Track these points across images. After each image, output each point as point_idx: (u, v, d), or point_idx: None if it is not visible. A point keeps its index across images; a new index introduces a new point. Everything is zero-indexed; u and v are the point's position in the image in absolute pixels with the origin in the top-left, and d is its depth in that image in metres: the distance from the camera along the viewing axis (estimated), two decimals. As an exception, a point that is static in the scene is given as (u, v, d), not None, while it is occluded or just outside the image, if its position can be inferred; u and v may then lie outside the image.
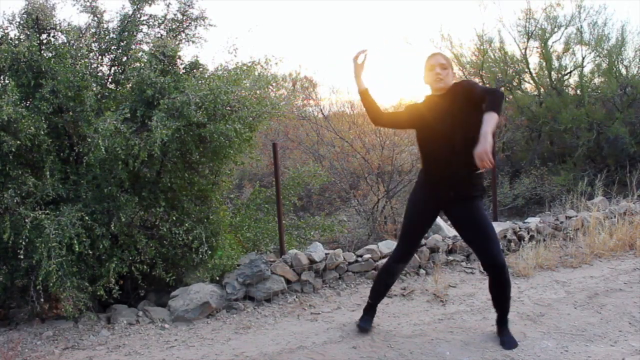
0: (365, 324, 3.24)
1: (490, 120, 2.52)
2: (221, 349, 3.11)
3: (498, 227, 4.75)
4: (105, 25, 4.26)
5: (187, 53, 7.75)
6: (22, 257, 3.23)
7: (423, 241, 4.43)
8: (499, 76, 9.84)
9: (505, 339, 2.97)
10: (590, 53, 9.16)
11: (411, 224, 3.06)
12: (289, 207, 5.18)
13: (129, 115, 3.55)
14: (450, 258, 4.46)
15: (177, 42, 4.21)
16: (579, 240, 4.83)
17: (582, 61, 9.23)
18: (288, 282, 3.91)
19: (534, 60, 9.61)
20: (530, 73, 9.62)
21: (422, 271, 4.28)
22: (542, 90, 9.49)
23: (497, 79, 9.85)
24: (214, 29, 4.49)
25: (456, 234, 4.69)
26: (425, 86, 2.95)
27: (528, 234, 4.78)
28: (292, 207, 5.31)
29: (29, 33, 3.81)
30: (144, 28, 4.36)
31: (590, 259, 4.50)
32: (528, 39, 9.44)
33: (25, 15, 3.81)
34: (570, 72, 9.48)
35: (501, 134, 8.42)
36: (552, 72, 9.31)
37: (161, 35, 4.35)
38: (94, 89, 4.03)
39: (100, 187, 3.59)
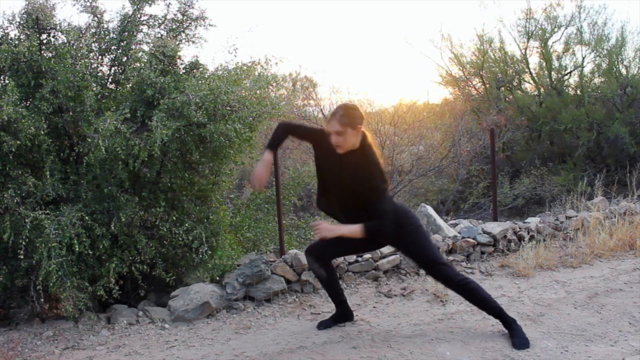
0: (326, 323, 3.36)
1: (353, 228, 2.79)
2: (221, 349, 3.11)
3: (498, 227, 4.75)
4: (105, 25, 4.26)
5: (187, 53, 7.75)
6: (22, 257, 3.22)
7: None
8: (499, 76, 9.85)
9: (515, 340, 2.95)
10: (590, 53, 9.18)
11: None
12: (289, 207, 5.18)
13: (129, 115, 3.55)
14: (451, 258, 4.45)
15: (177, 42, 4.20)
16: (579, 240, 4.83)
17: (582, 61, 9.25)
18: (288, 282, 3.90)
19: (534, 60, 9.64)
20: (530, 73, 9.63)
21: (422, 271, 4.28)
22: (542, 90, 9.51)
23: (497, 79, 9.86)
24: (214, 29, 4.48)
25: (456, 234, 4.69)
26: None
27: (528, 234, 4.78)
28: (292, 207, 5.31)
29: (29, 33, 3.80)
30: (144, 28, 4.36)
31: (590, 259, 4.50)
32: (528, 39, 9.45)
33: (25, 15, 3.81)
34: (570, 72, 9.49)
35: (501, 134, 8.42)
36: (552, 72, 9.32)
37: (161, 35, 4.34)
38: (94, 89, 4.02)
39: (100, 187, 3.59)
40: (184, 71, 4.15)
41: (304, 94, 8.65)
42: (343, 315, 3.33)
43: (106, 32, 4.23)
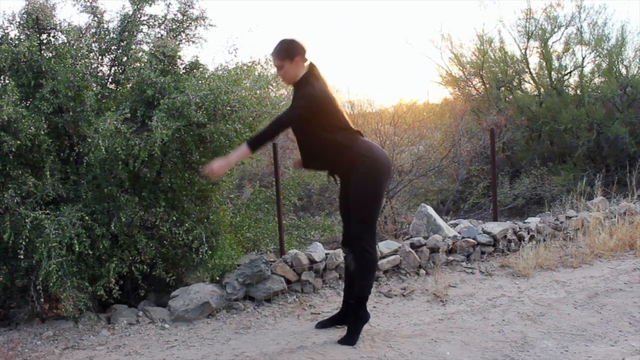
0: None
1: (238, 150, 2.84)
2: (221, 349, 3.11)
3: (498, 227, 4.76)
4: (105, 25, 4.26)
5: (187, 53, 7.74)
6: (22, 257, 3.23)
7: (423, 241, 4.43)
8: (499, 76, 9.85)
9: (345, 336, 3.04)
10: (590, 53, 9.18)
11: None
12: (289, 207, 5.18)
13: (129, 115, 3.55)
14: (451, 258, 4.46)
15: (177, 42, 4.21)
16: (579, 240, 4.83)
17: (582, 61, 9.25)
18: (288, 282, 3.90)
19: (534, 60, 9.63)
20: (531, 73, 9.63)
21: (422, 271, 4.28)
22: (542, 90, 9.50)
23: (497, 79, 9.86)
24: (214, 29, 4.48)
25: (456, 234, 4.70)
26: None
27: (528, 234, 4.79)
28: (292, 207, 5.31)
29: (29, 33, 3.81)
30: (144, 28, 4.36)
31: (590, 259, 4.50)
32: (528, 39, 9.45)
33: (25, 15, 3.81)
34: (570, 72, 9.49)
35: (501, 134, 8.42)
36: (552, 72, 9.32)
37: (161, 35, 4.35)
38: (94, 89, 4.03)
39: (100, 187, 3.59)
40: (184, 71, 4.15)
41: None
42: (343, 317, 3.33)
43: (106, 32, 4.23)
